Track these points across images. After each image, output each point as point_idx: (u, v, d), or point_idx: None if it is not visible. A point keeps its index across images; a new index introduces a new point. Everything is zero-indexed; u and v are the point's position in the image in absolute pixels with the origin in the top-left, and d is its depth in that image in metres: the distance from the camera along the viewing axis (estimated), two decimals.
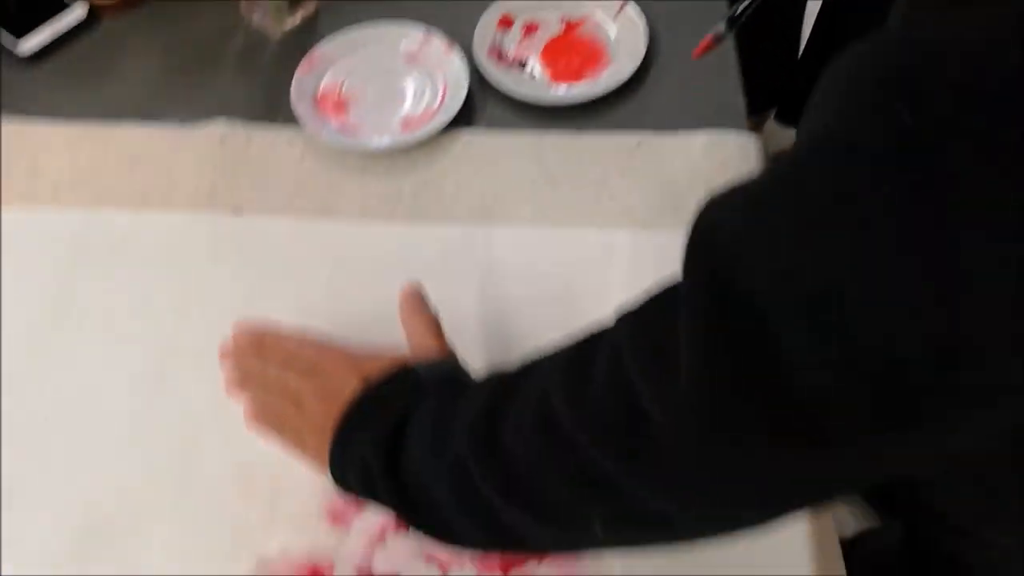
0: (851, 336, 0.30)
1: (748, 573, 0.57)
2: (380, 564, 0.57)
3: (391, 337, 0.64)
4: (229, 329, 0.65)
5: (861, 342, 0.29)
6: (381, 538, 0.58)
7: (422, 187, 0.74)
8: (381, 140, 0.75)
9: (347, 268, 0.70)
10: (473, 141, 0.76)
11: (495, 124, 0.77)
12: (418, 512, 0.51)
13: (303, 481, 0.60)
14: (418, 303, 0.62)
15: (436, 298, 0.68)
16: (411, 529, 0.52)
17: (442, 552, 0.57)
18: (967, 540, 0.74)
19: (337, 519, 0.59)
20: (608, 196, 0.73)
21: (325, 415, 0.55)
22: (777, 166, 0.32)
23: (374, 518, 0.59)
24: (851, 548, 0.82)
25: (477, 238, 0.71)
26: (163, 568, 0.58)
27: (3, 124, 0.77)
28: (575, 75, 0.79)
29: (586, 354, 0.42)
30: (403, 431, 0.51)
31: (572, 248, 0.71)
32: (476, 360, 0.62)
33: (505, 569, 0.57)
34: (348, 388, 0.56)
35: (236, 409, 0.62)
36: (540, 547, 0.51)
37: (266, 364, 0.60)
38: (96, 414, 0.64)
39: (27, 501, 0.60)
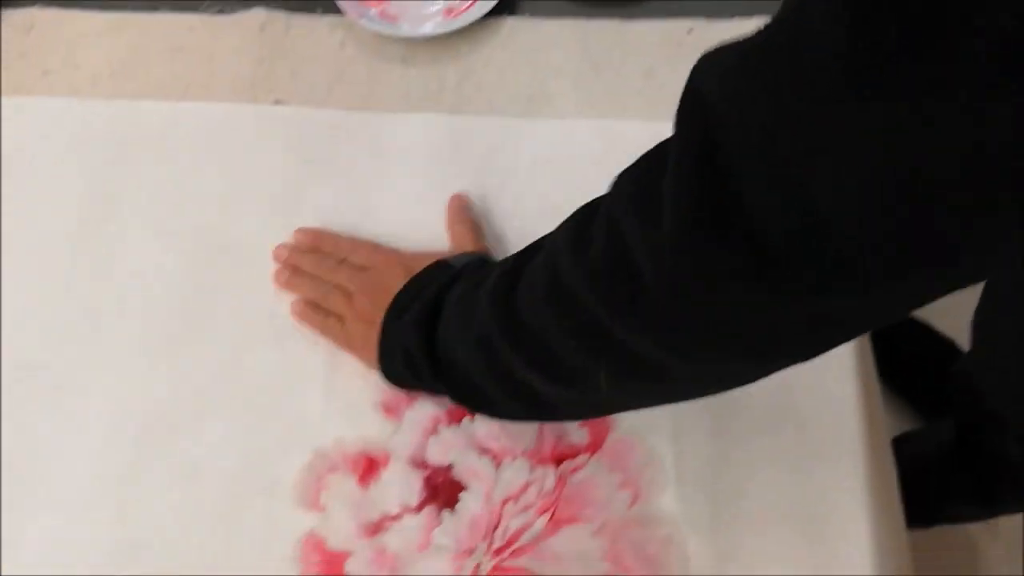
0: (811, 199, 0.31)
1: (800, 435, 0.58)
2: (433, 454, 0.59)
3: (431, 229, 0.65)
4: (274, 222, 0.66)
5: (820, 206, 0.31)
6: (434, 430, 0.59)
7: (465, 77, 0.72)
8: (423, 27, 0.73)
9: (389, 160, 0.69)
10: (517, 29, 0.74)
11: (539, 12, 0.75)
12: (460, 389, 0.55)
13: (355, 374, 0.61)
14: (463, 210, 0.65)
15: (478, 190, 0.67)
16: (456, 404, 0.56)
17: (494, 443, 0.59)
18: (1017, 439, 0.76)
19: (390, 411, 0.60)
20: (657, 86, 0.71)
21: (373, 308, 0.58)
22: (765, 28, 0.32)
23: (426, 410, 0.60)
24: (896, 449, 0.84)
25: (520, 129, 0.70)
26: (220, 463, 0.59)
27: (40, 12, 0.76)
28: None
29: (588, 214, 0.44)
30: (438, 312, 0.54)
31: (617, 140, 0.69)
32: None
33: (557, 461, 0.58)
34: (395, 282, 0.59)
35: (286, 303, 0.63)
36: (566, 413, 0.54)
37: (320, 261, 0.62)
38: (146, 309, 0.64)
39: (85, 401, 0.61)
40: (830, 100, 0.29)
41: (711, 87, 0.34)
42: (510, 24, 0.74)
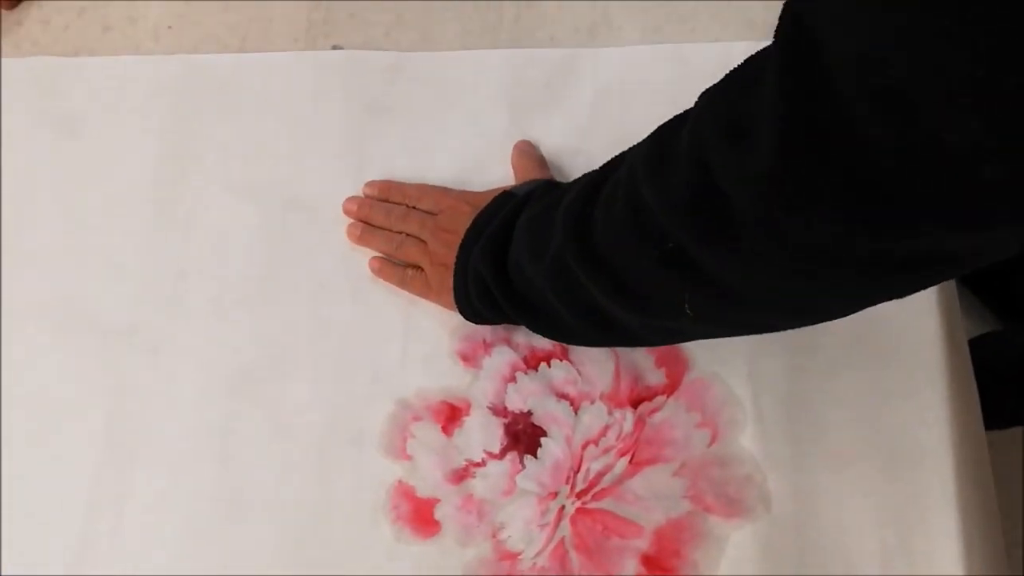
0: (926, 127, 0.29)
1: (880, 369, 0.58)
2: (513, 401, 0.60)
3: (495, 168, 0.65)
4: (341, 171, 0.66)
5: (937, 133, 0.29)
6: (512, 377, 0.60)
7: (524, 8, 0.70)
8: None
9: (450, 100, 0.68)
10: None
11: None
12: (535, 316, 0.55)
13: (432, 324, 0.62)
14: (528, 146, 0.65)
15: (543, 126, 0.67)
16: (532, 330, 0.56)
17: (571, 388, 0.60)
18: None
19: (468, 360, 0.61)
20: (725, 3, 0.68)
21: (447, 251, 0.59)
22: None
23: (503, 358, 0.61)
24: (971, 350, 0.82)
25: (584, 59, 0.68)
26: (308, 416, 0.61)
27: None
28: None
29: (668, 137, 0.42)
30: (509, 235, 0.54)
31: (685, 64, 0.67)
32: None
33: (634, 404, 0.59)
34: (464, 221, 0.59)
35: (361, 254, 0.64)
36: (643, 338, 0.53)
37: (389, 212, 0.63)
38: (225, 267, 0.65)
39: (176, 360, 0.63)
40: (960, 15, 0.27)
41: (813, 3, 0.32)
42: None
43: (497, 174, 0.65)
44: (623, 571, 0.55)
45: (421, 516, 0.58)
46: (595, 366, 0.60)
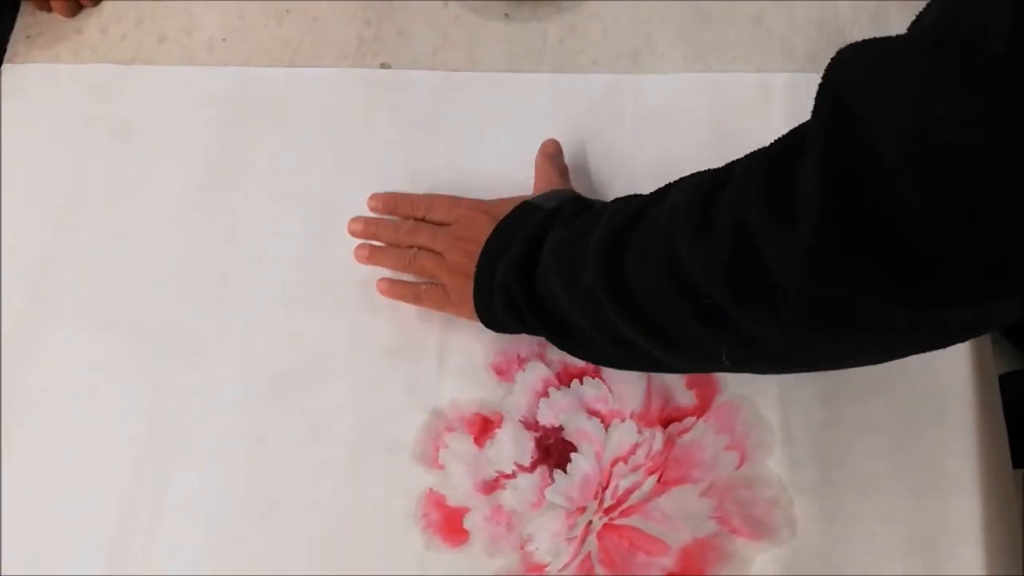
0: (971, 199, 0.30)
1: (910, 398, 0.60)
2: (544, 416, 0.61)
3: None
4: (384, 187, 0.68)
5: (980, 205, 0.30)
6: (544, 392, 0.62)
7: (568, 32, 0.72)
8: None
9: (493, 121, 0.70)
10: None
11: None
12: (564, 335, 0.55)
13: (468, 337, 0.64)
14: (553, 153, 0.66)
15: (584, 150, 0.68)
16: (558, 348, 0.57)
17: (603, 406, 0.61)
18: None
19: (502, 373, 0.63)
20: (765, 33, 0.70)
21: (468, 260, 0.59)
22: (916, 25, 0.32)
23: (537, 373, 0.62)
24: (1001, 387, 0.83)
25: (626, 85, 0.70)
26: (343, 423, 0.62)
27: None
28: None
29: (707, 192, 0.43)
30: (538, 253, 0.55)
31: (726, 92, 0.69)
32: None
33: (664, 424, 0.60)
34: (483, 231, 0.59)
35: None
36: (675, 370, 0.55)
37: (397, 227, 0.64)
38: (268, 274, 0.67)
39: (217, 362, 0.65)
40: (998, 96, 0.28)
41: (855, 83, 0.33)
42: None
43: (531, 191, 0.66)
44: None
45: (451, 525, 0.59)
46: (627, 385, 0.61)
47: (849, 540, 0.56)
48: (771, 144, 0.40)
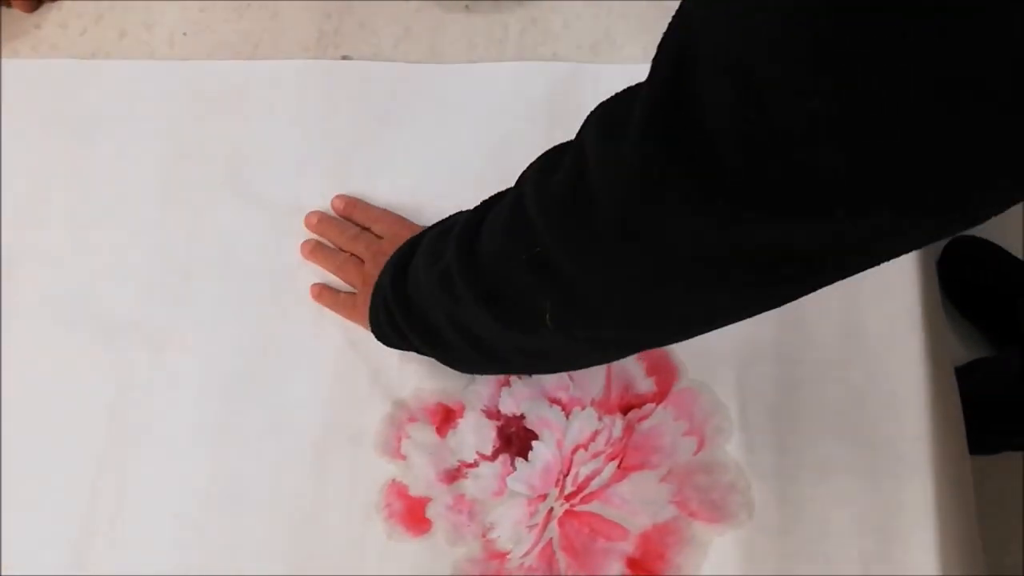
0: (767, 117, 0.29)
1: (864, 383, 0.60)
2: (506, 405, 0.62)
3: (495, 179, 0.66)
4: (347, 180, 0.69)
5: (775, 124, 0.29)
6: (506, 382, 0.62)
7: (529, 24, 0.73)
8: None
9: (455, 112, 0.71)
10: None
11: None
12: (425, 336, 0.55)
13: None
14: None
15: (544, 138, 0.68)
16: (424, 354, 0.57)
17: (563, 394, 0.62)
18: None
19: None
20: None
21: (377, 271, 0.60)
22: None
23: None
24: (963, 375, 0.84)
25: (586, 75, 0.71)
26: (306, 414, 0.63)
27: None
28: None
29: (562, 146, 0.43)
30: (411, 259, 0.55)
31: None
32: None
33: (624, 411, 0.61)
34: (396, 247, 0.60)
35: None
36: (514, 364, 0.54)
37: (342, 231, 0.66)
38: (231, 268, 0.68)
39: (179, 356, 0.66)
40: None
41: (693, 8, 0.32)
42: None
43: (496, 185, 0.67)
44: (608, 572, 0.57)
45: (413, 515, 0.60)
46: (587, 373, 0.62)
47: (805, 523, 0.57)
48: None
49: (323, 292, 0.66)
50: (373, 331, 0.60)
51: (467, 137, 0.70)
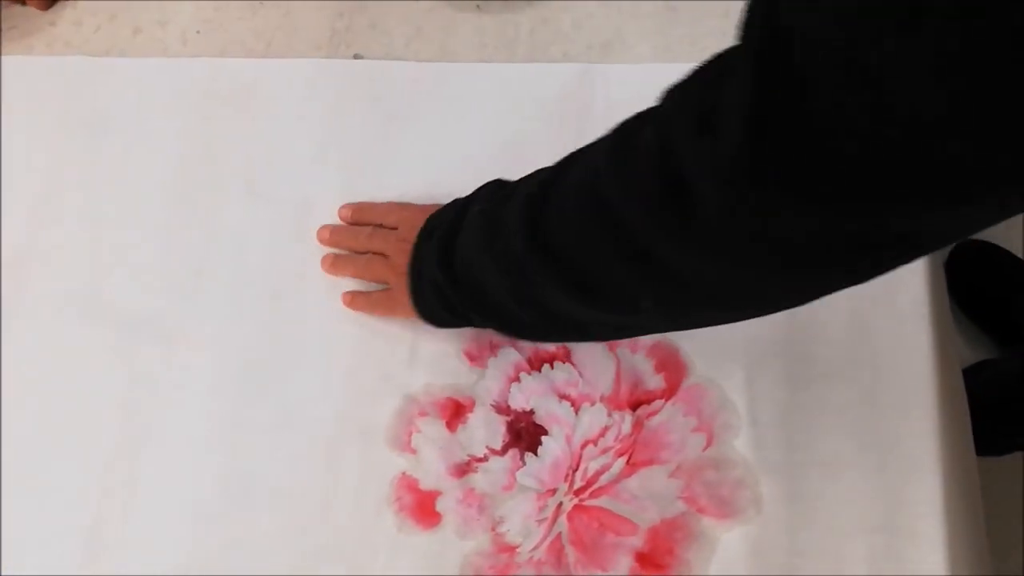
0: (883, 105, 0.29)
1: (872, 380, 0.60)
2: (516, 400, 0.62)
3: (510, 178, 0.67)
4: (358, 178, 0.69)
5: (893, 113, 0.29)
6: (516, 377, 0.63)
7: (539, 24, 0.74)
8: None
9: (466, 111, 0.71)
10: None
11: None
12: (487, 312, 0.55)
13: None
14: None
15: (554, 138, 0.69)
16: (487, 328, 0.57)
17: (573, 390, 0.62)
18: None
19: (474, 359, 0.64)
20: (733, 26, 0.71)
21: (406, 259, 0.60)
22: None
23: (508, 358, 0.63)
24: (969, 376, 0.84)
25: (596, 75, 0.71)
26: (318, 408, 0.63)
27: None
28: None
29: (631, 131, 0.43)
30: (456, 233, 0.55)
31: None
32: None
33: (633, 406, 0.61)
34: (420, 228, 0.60)
35: None
36: (591, 333, 0.54)
37: (355, 235, 0.65)
38: (243, 264, 0.68)
39: (191, 350, 0.66)
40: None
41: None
42: None
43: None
44: (617, 567, 0.58)
45: (423, 508, 0.60)
46: (596, 369, 0.62)
47: (813, 519, 0.58)
48: (695, 68, 0.39)
49: (355, 298, 0.65)
50: (424, 317, 0.60)
51: (477, 137, 0.70)
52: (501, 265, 0.50)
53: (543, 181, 0.49)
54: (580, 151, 0.48)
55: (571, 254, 0.46)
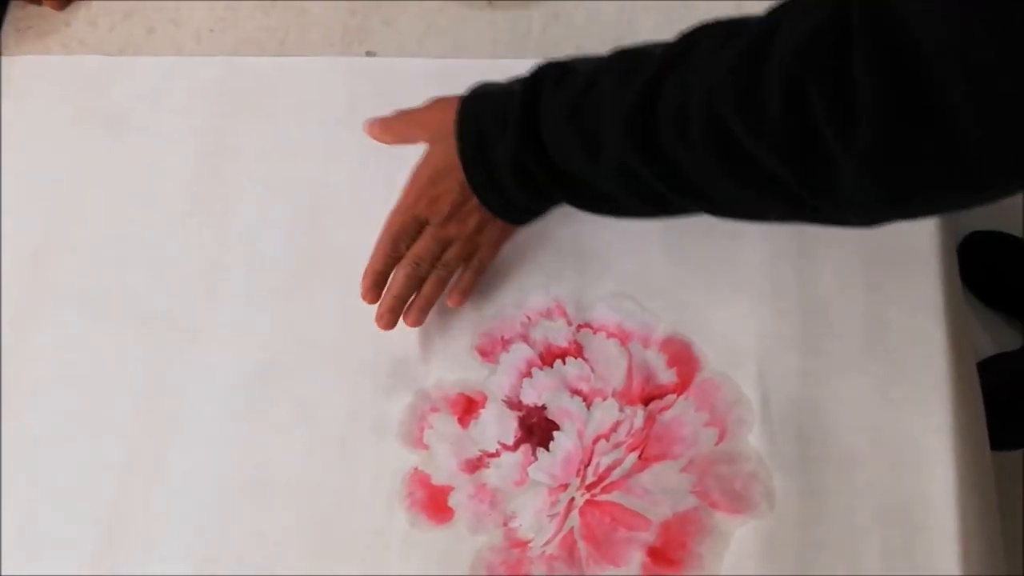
0: (1013, 104, 0.35)
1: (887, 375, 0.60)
2: (527, 395, 0.62)
3: None
4: (372, 174, 0.69)
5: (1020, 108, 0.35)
6: (527, 373, 0.63)
7: (551, 19, 0.73)
8: None
9: None
10: None
11: None
12: (583, 198, 0.56)
13: (454, 319, 0.65)
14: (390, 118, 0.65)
15: None
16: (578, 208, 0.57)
17: (584, 385, 0.62)
18: None
19: (486, 355, 0.64)
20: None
21: (450, 190, 0.60)
22: None
23: (520, 353, 0.63)
24: (985, 368, 0.83)
25: None
26: (331, 404, 0.64)
27: None
28: None
29: (755, 69, 0.43)
30: (535, 121, 0.54)
31: None
32: None
33: (645, 401, 0.61)
34: (450, 180, 0.60)
35: None
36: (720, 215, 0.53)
37: (396, 272, 0.63)
38: (259, 260, 0.68)
39: (207, 347, 0.66)
40: None
41: None
42: None
43: None
44: (629, 562, 0.57)
45: (435, 503, 0.60)
46: (608, 364, 0.62)
47: (827, 514, 0.57)
48: (815, 34, 0.40)
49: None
50: (491, 207, 0.59)
51: None
52: (616, 174, 0.51)
53: (641, 91, 0.48)
54: (668, 64, 0.47)
55: (691, 173, 0.47)
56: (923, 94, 0.36)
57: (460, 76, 0.71)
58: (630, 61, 0.51)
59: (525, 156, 0.54)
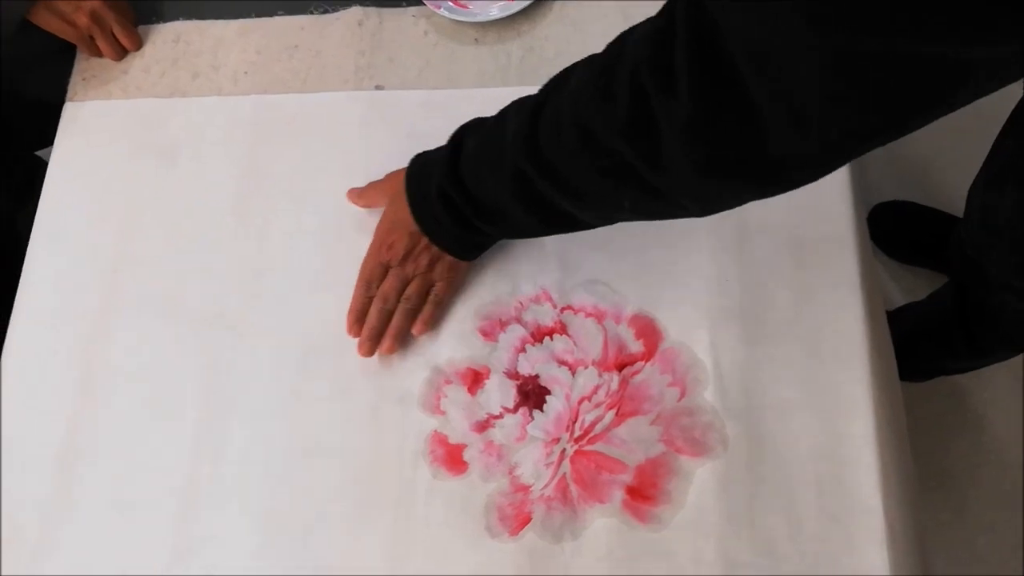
0: (786, 76, 0.35)
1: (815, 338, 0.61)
2: (523, 367, 0.62)
3: None
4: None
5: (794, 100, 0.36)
6: (522, 348, 0.63)
7: (527, 52, 0.73)
8: (490, 12, 0.73)
9: None
10: (567, 7, 0.73)
11: None
12: (495, 222, 0.58)
13: (460, 308, 0.65)
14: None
15: None
16: (490, 231, 0.59)
17: (569, 356, 0.62)
18: (1009, 293, 0.76)
19: (487, 335, 0.64)
20: None
21: (401, 232, 0.63)
22: None
23: (515, 334, 0.63)
24: (896, 317, 0.83)
25: None
26: (362, 380, 0.64)
27: (183, 25, 0.78)
28: None
29: (606, 71, 0.45)
30: (456, 169, 0.57)
31: None
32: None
33: (619, 368, 0.61)
34: (401, 220, 0.62)
35: None
36: (586, 226, 0.56)
37: (371, 311, 0.65)
38: (297, 265, 0.68)
39: (255, 338, 0.66)
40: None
41: None
42: (559, 3, 0.74)
43: None
44: (612, 499, 0.58)
45: (453, 458, 0.61)
46: (588, 339, 0.62)
47: (770, 453, 0.58)
48: (651, 21, 0.43)
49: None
50: (442, 245, 0.62)
51: None
52: (512, 182, 0.52)
53: (529, 114, 0.51)
54: (554, 83, 0.51)
55: (565, 172, 0.49)
56: (723, 73, 0.37)
57: (454, 103, 0.71)
58: (527, 98, 0.53)
59: (446, 185, 0.57)
